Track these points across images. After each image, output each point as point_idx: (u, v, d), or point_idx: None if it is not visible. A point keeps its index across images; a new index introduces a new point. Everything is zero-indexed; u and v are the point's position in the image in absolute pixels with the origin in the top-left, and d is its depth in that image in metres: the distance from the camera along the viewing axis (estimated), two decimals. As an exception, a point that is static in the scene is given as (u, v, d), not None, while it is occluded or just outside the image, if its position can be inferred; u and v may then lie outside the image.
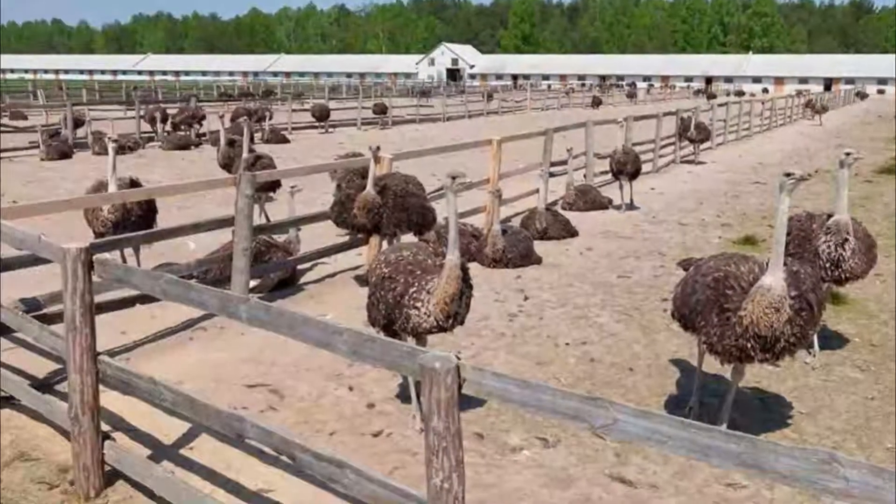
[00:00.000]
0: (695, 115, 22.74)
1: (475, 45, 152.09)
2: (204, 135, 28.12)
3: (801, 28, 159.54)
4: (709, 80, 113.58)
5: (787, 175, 4.87)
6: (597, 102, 59.06)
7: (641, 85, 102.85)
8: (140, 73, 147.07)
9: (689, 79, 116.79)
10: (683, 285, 5.52)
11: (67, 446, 4.84)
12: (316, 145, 27.55)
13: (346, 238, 10.49)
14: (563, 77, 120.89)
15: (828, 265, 6.71)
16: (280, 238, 9.79)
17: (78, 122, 26.30)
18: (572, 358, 7.04)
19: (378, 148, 9.00)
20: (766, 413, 5.96)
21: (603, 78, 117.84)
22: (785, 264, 4.96)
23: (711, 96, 69.46)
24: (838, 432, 5.64)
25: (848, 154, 6.71)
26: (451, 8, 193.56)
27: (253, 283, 8.52)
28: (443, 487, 3.06)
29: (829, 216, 6.86)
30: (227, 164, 14.00)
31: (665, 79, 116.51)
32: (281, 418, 5.65)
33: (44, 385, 6.00)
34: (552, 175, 13.88)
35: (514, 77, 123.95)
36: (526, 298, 8.89)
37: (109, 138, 8.62)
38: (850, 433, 5.63)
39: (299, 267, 9.67)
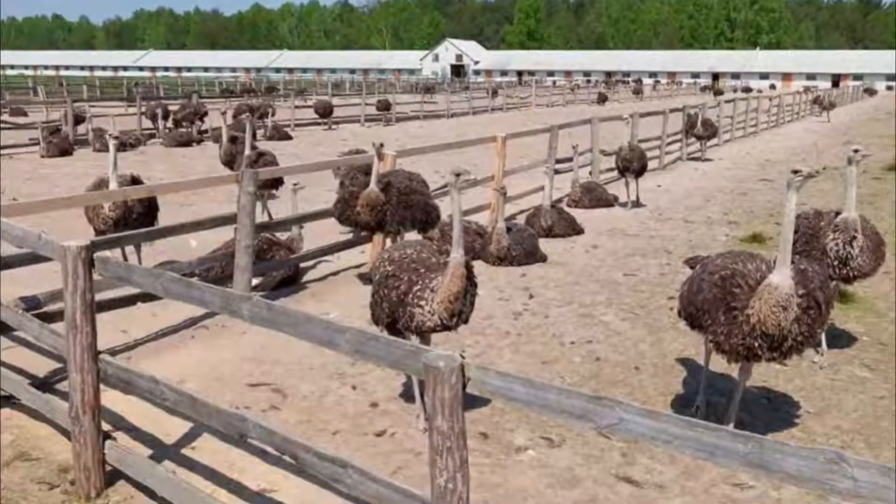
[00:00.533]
0: (701, 112, 22.70)
1: (480, 41, 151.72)
2: (206, 131, 28.08)
3: (808, 24, 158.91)
4: (716, 77, 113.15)
5: (795, 172, 4.83)
6: (602, 99, 58.93)
7: (647, 81, 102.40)
8: (141, 69, 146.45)
9: (695, 75, 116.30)
10: (690, 283, 5.49)
11: (68, 446, 4.81)
12: (319, 142, 27.53)
13: (350, 236, 10.47)
14: (568, 73, 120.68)
15: (836, 263, 6.66)
16: (283, 236, 9.76)
17: (78, 119, 26.24)
18: (578, 357, 7.00)
19: (381, 145, 8.96)
20: (774, 412, 5.92)
21: (608, 74, 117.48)
22: (792, 262, 4.92)
23: (718, 93, 69.30)
24: (846, 432, 5.60)
25: (856, 151, 6.63)
26: (455, 3, 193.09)
27: (255, 282, 8.50)
28: (447, 487, 3.04)
29: (837, 214, 6.80)
30: (230, 162, 13.96)
31: (671, 75, 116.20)
32: (283, 418, 5.63)
33: (44, 384, 5.98)
34: (557, 172, 13.79)
35: (519, 73, 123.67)
36: (531, 297, 8.85)
37: (110, 135, 8.56)
38: (859, 433, 5.59)
39: (302, 265, 9.64)
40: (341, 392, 6.15)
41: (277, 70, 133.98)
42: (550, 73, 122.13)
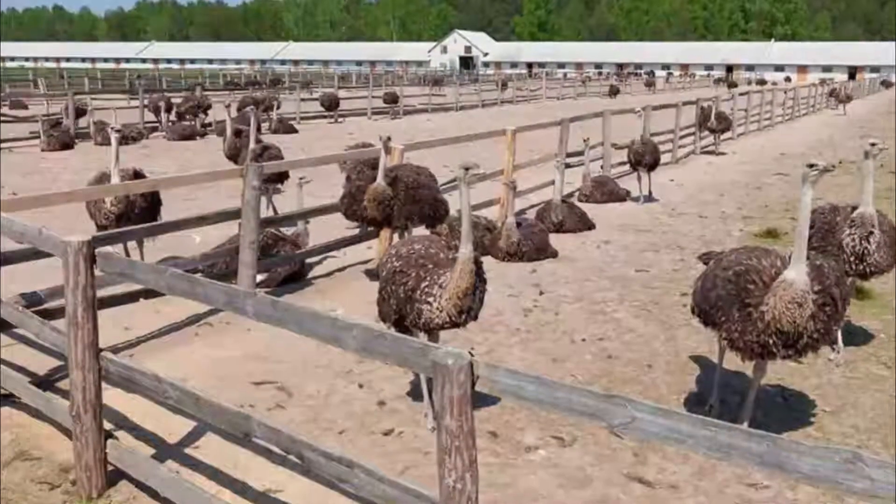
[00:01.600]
0: (715, 105, 22.50)
1: (489, 33, 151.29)
2: (209, 125, 27.94)
3: (824, 15, 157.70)
4: (730, 69, 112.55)
5: (811, 166, 4.82)
6: (614, 91, 58.65)
7: (660, 73, 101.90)
8: (144, 61, 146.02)
9: (709, 67, 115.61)
10: (703, 279, 5.46)
11: (69, 445, 4.77)
12: (325, 135, 27.45)
13: (356, 231, 10.41)
14: (579, 65, 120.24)
15: (852, 259, 6.59)
16: (288, 231, 9.73)
17: (80, 112, 26.18)
18: (589, 354, 6.94)
19: (389, 138, 8.88)
20: (789, 411, 5.86)
21: (620, 66, 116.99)
22: (808, 258, 4.89)
23: (732, 85, 68.90)
24: (863, 431, 5.54)
25: (873, 144, 6.58)
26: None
27: (260, 278, 8.45)
28: (455, 488, 3.05)
29: (854, 208, 6.73)
30: (234, 155, 13.92)
31: (685, 67, 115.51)
32: (289, 416, 5.59)
33: (45, 382, 5.96)
34: (568, 166, 13.70)
35: (529, 65, 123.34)
36: (541, 293, 8.78)
37: (112, 128, 8.53)
38: (875, 432, 5.53)
39: (308, 261, 9.59)
40: (348, 390, 6.10)
41: (283, 62, 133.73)
42: (561, 65, 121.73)
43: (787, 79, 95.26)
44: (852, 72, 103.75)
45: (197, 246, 9.76)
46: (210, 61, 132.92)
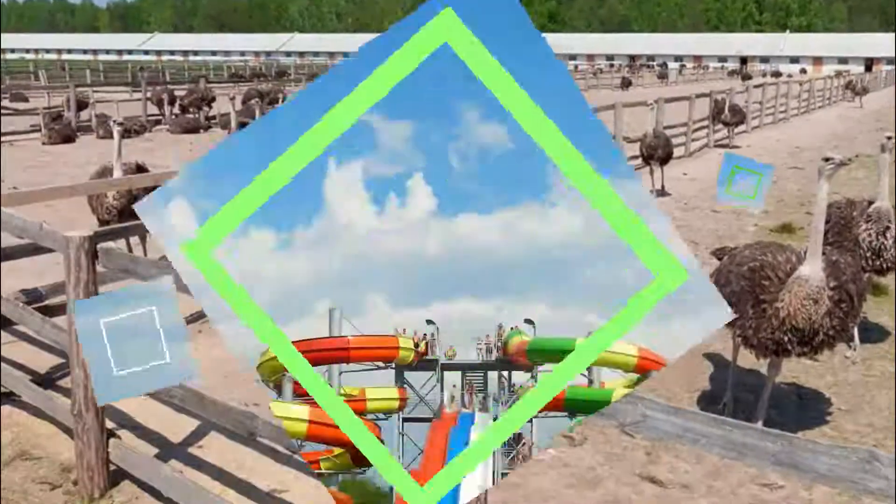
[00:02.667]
0: (729, 97, 22.32)
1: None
2: (214, 118, 27.56)
3: (840, 6, 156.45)
4: (744, 61, 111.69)
5: (826, 160, 4.79)
6: (626, 84, 58.33)
7: (673, 65, 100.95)
8: (147, 52, 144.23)
9: (722, 59, 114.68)
10: (717, 275, 5.39)
11: (70, 445, 4.74)
12: (335, 129, 27.38)
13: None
14: (590, 57, 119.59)
15: (868, 254, 6.51)
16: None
17: (81, 105, 26.06)
18: (599, 351, 6.82)
19: (397, 132, 8.77)
20: (804, 410, 5.82)
21: (632, 58, 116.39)
22: (824, 253, 4.84)
23: (746, 77, 68.35)
24: (879, 430, 5.48)
25: (890, 138, 6.52)
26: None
27: (267, 273, 8.36)
28: None
29: (870, 203, 6.65)
30: (242, 149, 13.84)
31: (698, 59, 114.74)
32: (294, 415, 5.50)
33: (46, 380, 5.94)
34: (579, 159, 13.56)
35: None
36: (551, 287, 8.67)
37: (114, 121, 8.50)
38: (892, 430, 5.45)
39: (317, 255, 9.49)
40: (354, 387, 6.02)
41: (288, 54, 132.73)
42: (572, 57, 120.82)
43: (803, 71, 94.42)
44: (868, 64, 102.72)
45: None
46: (214, 53, 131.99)
